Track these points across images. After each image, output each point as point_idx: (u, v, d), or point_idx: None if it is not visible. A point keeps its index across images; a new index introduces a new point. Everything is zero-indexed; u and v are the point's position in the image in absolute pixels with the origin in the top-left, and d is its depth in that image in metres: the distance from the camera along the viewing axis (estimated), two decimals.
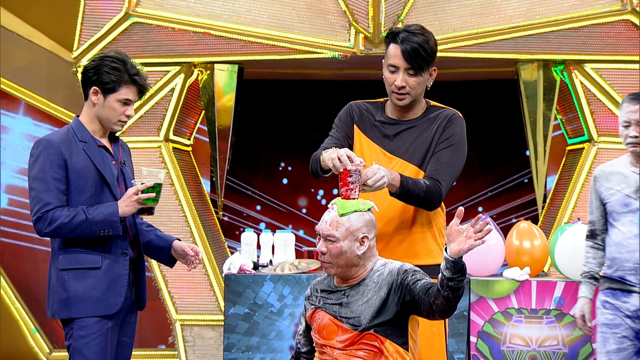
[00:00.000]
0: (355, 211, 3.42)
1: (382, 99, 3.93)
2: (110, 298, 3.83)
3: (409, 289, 3.35)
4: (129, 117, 3.92)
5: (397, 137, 3.82)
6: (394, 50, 3.74)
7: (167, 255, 4.09)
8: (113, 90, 3.86)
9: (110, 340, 3.84)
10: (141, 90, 3.94)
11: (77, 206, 3.80)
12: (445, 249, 3.19)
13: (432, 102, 3.91)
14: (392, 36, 3.76)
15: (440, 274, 3.21)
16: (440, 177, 3.72)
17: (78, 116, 3.94)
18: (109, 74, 3.85)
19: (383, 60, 3.81)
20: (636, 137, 4.44)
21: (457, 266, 3.18)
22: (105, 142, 3.95)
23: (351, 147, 3.83)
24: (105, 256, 3.84)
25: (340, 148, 3.68)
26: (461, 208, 3.21)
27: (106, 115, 3.89)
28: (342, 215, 3.41)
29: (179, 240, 4.12)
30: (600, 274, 4.57)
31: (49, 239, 3.92)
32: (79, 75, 4.04)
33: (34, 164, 3.82)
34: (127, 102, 3.90)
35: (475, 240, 3.16)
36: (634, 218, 4.48)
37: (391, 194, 3.63)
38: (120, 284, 3.86)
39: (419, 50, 3.70)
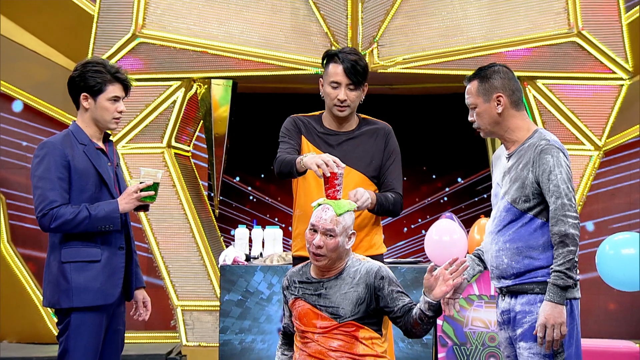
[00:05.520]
0: (348, 211, 3.59)
1: (318, 112, 4.10)
2: (109, 289, 3.85)
3: (386, 301, 3.51)
4: (121, 112, 3.91)
5: (339, 147, 4.00)
6: (335, 68, 3.95)
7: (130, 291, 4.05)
8: (100, 91, 3.85)
9: (102, 331, 3.90)
10: (125, 85, 3.91)
11: (78, 204, 3.82)
12: (425, 293, 3.44)
13: (362, 115, 4.10)
14: (329, 57, 3.98)
15: (420, 312, 3.45)
16: (398, 189, 4.04)
17: (75, 121, 3.96)
18: (93, 77, 3.84)
19: (320, 79, 4.01)
20: (473, 122, 3.58)
21: (438, 307, 3.44)
22: (101, 144, 3.95)
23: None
24: (104, 250, 3.86)
25: (298, 154, 3.91)
26: (432, 265, 3.44)
27: (101, 115, 3.88)
28: (339, 214, 3.54)
29: (144, 289, 4.08)
30: None
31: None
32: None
33: (39, 164, 3.81)
34: (116, 99, 3.88)
35: (454, 279, 3.39)
36: (495, 211, 3.57)
37: (369, 209, 3.92)
38: (117, 275, 3.89)
39: (357, 67, 3.93)
